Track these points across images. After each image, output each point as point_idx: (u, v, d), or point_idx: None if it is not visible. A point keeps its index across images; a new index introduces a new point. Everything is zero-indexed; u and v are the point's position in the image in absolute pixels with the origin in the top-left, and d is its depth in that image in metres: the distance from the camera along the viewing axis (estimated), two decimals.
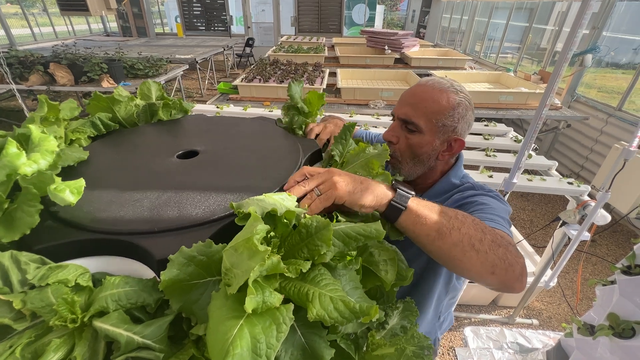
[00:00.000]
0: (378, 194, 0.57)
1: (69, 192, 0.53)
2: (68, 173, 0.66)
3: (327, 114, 3.33)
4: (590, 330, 1.36)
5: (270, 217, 0.56)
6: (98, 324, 0.40)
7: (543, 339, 2.02)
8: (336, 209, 0.58)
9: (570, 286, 2.77)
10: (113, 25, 10.78)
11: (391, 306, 0.78)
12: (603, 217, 1.82)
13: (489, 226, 0.62)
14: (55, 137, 0.68)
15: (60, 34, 9.60)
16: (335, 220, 0.61)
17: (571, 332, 1.55)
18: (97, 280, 0.48)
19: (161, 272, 0.43)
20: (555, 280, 2.16)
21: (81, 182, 0.55)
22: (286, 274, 0.49)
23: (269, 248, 0.42)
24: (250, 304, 0.39)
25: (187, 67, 5.71)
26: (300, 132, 0.95)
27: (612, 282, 1.36)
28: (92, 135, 0.85)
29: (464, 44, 7.56)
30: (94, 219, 0.56)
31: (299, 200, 0.58)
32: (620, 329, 1.17)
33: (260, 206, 0.52)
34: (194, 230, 0.56)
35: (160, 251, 0.51)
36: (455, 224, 0.57)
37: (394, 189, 0.60)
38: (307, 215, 0.56)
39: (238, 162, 0.76)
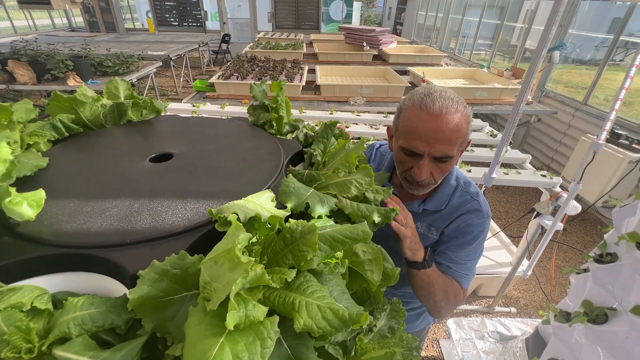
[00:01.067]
0: (419, 255, 0.86)
1: (26, 206, 0.48)
2: (25, 182, 0.60)
3: (308, 111, 3.26)
4: (566, 317, 1.42)
5: (253, 222, 0.53)
6: (59, 352, 0.36)
7: (521, 327, 2.10)
8: None
9: (544, 274, 2.90)
10: (79, 20, 10.19)
11: (378, 308, 0.77)
12: (574, 208, 1.90)
13: (457, 290, 0.94)
14: (9, 142, 0.61)
15: (19, 29, 8.98)
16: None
17: (548, 319, 1.62)
18: (59, 301, 0.44)
19: (130, 290, 0.39)
20: (532, 269, 2.25)
21: (41, 194, 0.50)
22: (271, 285, 0.46)
23: (252, 259, 0.39)
24: (232, 320, 0.36)
25: (161, 64, 5.49)
26: (272, 130, 0.92)
27: (586, 271, 1.42)
28: (53, 139, 0.78)
29: (440, 40, 7.71)
30: (56, 232, 0.51)
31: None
32: (594, 315, 1.22)
33: (242, 211, 0.49)
34: (171, 240, 0.52)
35: (134, 265, 0.47)
36: (438, 290, 0.89)
37: (425, 253, 0.87)
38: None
39: (216, 165, 0.72)
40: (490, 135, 2.63)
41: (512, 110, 1.49)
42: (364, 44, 5.23)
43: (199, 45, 7.55)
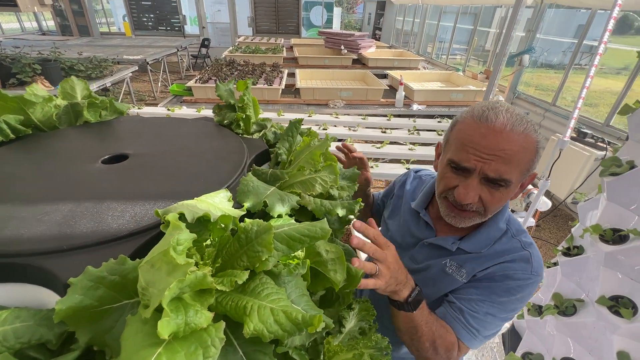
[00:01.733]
0: (401, 295, 0.70)
1: None
2: None
3: (287, 114, 3.23)
4: (538, 310, 1.45)
5: (204, 223, 0.50)
6: None
7: None
8: None
9: None
10: (51, 24, 9.80)
11: (346, 309, 0.75)
12: (545, 203, 1.96)
13: (450, 344, 0.74)
14: None
15: None
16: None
17: (522, 313, 1.65)
18: None
19: (58, 300, 0.36)
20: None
21: None
22: (219, 288, 0.43)
23: (192, 261, 0.36)
24: (165, 328, 0.33)
25: (137, 68, 5.35)
26: (239, 130, 0.89)
27: (556, 264, 1.46)
28: None
29: (417, 45, 7.89)
30: None
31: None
32: (564, 307, 1.25)
33: (190, 211, 0.47)
34: (114, 245, 0.49)
35: (70, 273, 0.43)
36: (423, 338, 0.72)
37: (410, 293, 0.70)
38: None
39: (173, 166, 0.69)
40: None
41: (485, 94, 1.53)
42: (342, 47, 5.27)
43: (178, 50, 7.41)
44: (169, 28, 9.38)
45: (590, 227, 1.13)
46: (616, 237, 1.05)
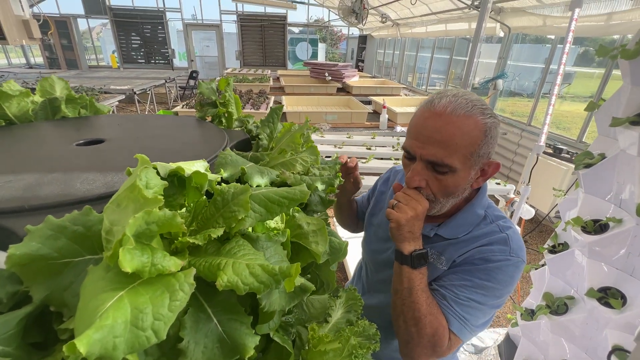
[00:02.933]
0: (407, 247, 0.73)
1: None
2: None
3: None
4: (531, 314, 1.42)
5: (178, 184, 0.48)
6: None
7: (494, 336, 2.07)
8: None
9: None
10: (40, 60, 9.92)
11: (332, 296, 0.72)
12: (528, 211, 1.99)
13: (440, 326, 0.71)
14: None
15: None
16: None
17: (516, 321, 1.61)
18: None
19: (11, 246, 0.33)
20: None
21: None
22: (192, 242, 0.41)
23: (162, 198, 0.35)
24: (128, 261, 0.31)
25: (124, 97, 5.39)
26: (221, 126, 0.90)
27: (544, 265, 1.46)
28: None
29: (398, 75, 8.32)
30: None
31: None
32: (555, 306, 1.23)
33: (163, 167, 0.45)
34: (81, 207, 0.46)
35: None
36: (415, 307, 0.71)
37: (416, 249, 0.73)
38: None
39: (152, 147, 0.67)
40: None
41: None
42: (326, 74, 5.50)
43: (166, 81, 7.56)
44: (158, 60, 9.62)
45: (572, 220, 1.14)
46: (597, 227, 1.07)
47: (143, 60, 9.45)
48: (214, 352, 0.42)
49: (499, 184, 2.22)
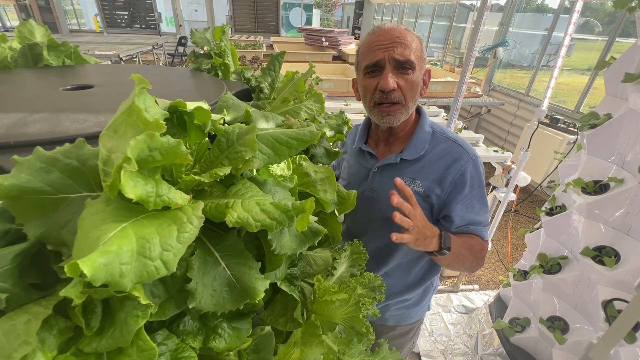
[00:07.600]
0: (431, 247, 0.79)
1: None
2: None
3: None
4: (524, 275, 1.46)
5: (179, 124, 0.45)
6: None
7: (484, 298, 2.16)
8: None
9: (502, 251, 3.03)
10: (16, 24, 9.28)
11: (338, 250, 0.72)
12: (524, 178, 2.00)
13: (482, 245, 0.91)
14: None
15: None
16: None
17: (509, 282, 1.66)
18: None
19: None
20: (490, 244, 2.33)
21: None
22: (198, 179, 0.38)
23: (163, 122, 0.31)
24: (131, 187, 0.28)
25: (109, 63, 5.13)
26: (218, 77, 0.85)
27: (539, 228, 1.48)
28: None
29: None
30: None
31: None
32: (549, 266, 1.27)
33: (161, 101, 0.41)
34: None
35: None
36: (467, 258, 0.87)
37: (440, 240, 0.80)
38: None
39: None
40: (446, 119, 2.74)
41: (457, 89, 1.56)
42: (323, 39, 5.29)
43: (154, 47, 7.19)
44: (143, 26, 9.10)
45: (572, 182, 1.14)
46: (597, 187, 1.07)
47: (127, 26, 8.92)
48: (223, 296, 0.41)
49: (496, 151, 2.22)
